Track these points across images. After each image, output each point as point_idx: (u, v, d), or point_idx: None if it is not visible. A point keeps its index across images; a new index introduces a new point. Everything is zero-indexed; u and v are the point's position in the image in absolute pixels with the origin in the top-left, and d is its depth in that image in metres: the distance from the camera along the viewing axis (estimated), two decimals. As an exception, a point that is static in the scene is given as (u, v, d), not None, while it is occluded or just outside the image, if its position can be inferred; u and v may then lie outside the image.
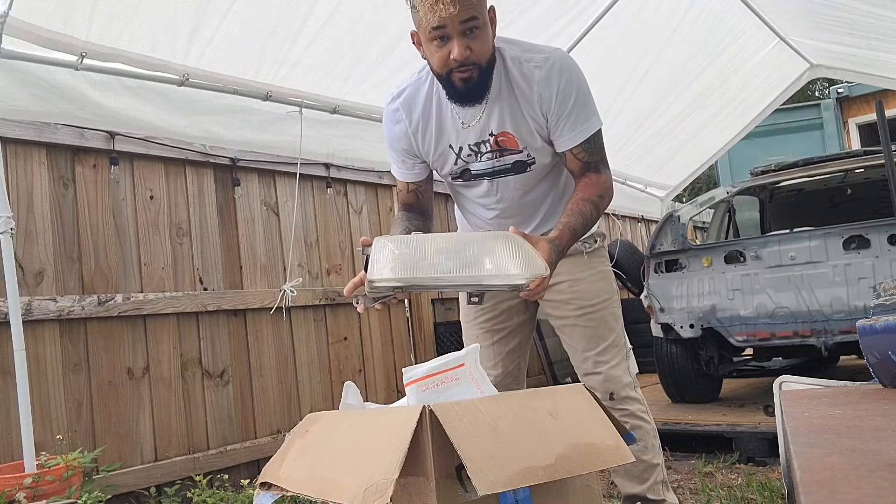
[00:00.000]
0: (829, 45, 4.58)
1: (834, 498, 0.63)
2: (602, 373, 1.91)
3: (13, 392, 2.27)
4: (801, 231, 3.71)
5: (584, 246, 1.96)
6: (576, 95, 1.75)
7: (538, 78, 1.74)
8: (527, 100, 1.76)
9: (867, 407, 1.11)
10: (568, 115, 1.75)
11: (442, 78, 1.71)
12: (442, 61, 1.65)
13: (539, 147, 1.82)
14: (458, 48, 1.61)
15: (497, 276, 1.45)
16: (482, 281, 1.46)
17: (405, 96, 1.87)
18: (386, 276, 1.45)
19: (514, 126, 1.79)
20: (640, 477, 1.92)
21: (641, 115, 4.96)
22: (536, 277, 1.44)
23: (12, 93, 2.45)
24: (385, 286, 1.47)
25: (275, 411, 3.42)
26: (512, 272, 1.44)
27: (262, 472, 1.48)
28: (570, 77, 1.75)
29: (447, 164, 1.89)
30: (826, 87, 13.57)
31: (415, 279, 1.45)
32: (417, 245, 1.48)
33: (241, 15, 2.71)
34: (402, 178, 1.97)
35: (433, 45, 1.65)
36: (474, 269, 1.44)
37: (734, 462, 3.23)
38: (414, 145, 1.89)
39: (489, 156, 1.84)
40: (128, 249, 2.97)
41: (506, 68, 1.77)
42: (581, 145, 1.78)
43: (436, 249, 1.47)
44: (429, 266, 1.44)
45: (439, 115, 1.83)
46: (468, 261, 1.44)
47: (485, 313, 2.04)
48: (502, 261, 1.45)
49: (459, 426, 1.16)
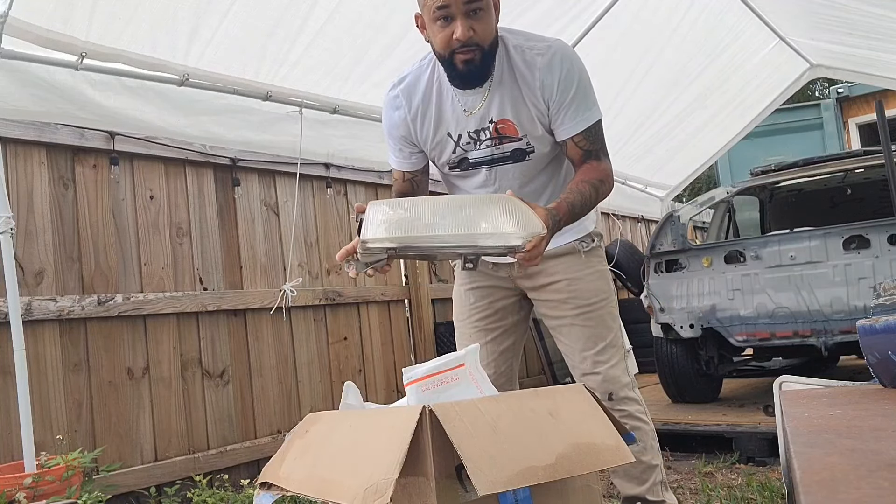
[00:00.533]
0: (829, 45, 4.58)
1: (834, 498, 0.63)
2: (601, 373, 1.90)
3: (13, 392, 2.27)
4: (801, 231, 3.71)
5: (582, 245, 1.96)
6: (577, 84, 1.77)
7: (540, 65, 1.75)
8: (529, 86, 1.77)
9: (867, 407, 1.11)
10: (570, 102, 1.77)
11: (444, 60, 1.72)
12: (445, 41, 1.66)
13: (539, 135, 1.83)
14: (462, 28, 1.63)
15: (493, 236, 1.45)
16: (478, 241, 1.45)
17: (406, 83, 1.88)
18: (379, 236, 1.44)
19: (514, 113, 1.79)
20: (639, 478, 1.92)
21: (641, 115, 4.96)
22: (533, 237, 1.44)
23: (12, 93, 2.45)
24: (378, 247, 1.45)
25: (275, 411, 3.42)
26: (508, 231, 1.44)
27: (262, 472, 1.48)
28: (573, 66, 1.77)
29: (445, 152, 1.89)
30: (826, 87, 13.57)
31: (409, 239, 1.44)
32: (413, 206, 1.48)
33: (241, 15, 2.71)
34: (398, 167, 1.98)
35: (436, 26, 1.66)
36: (470, 227, 1.44)
37: (734, 462, 3.23)
38: (412, 132, 1.89)
39: (488, 143, 1.84)
40: (128, 249, 2.97)
41: (508, 56, 1.78)
42: (582, 133, 1.79)
43: (431, 210, 1.46)
44: (424, 226, 1.44)
45: (439, 102, 1.84)
46: (464, 220, 1.44)
47: (479, 311, 2.04)
48: (499, 220, 1.44)
49: (459, 426, 1.16)
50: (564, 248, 1.95)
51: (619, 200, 5.84)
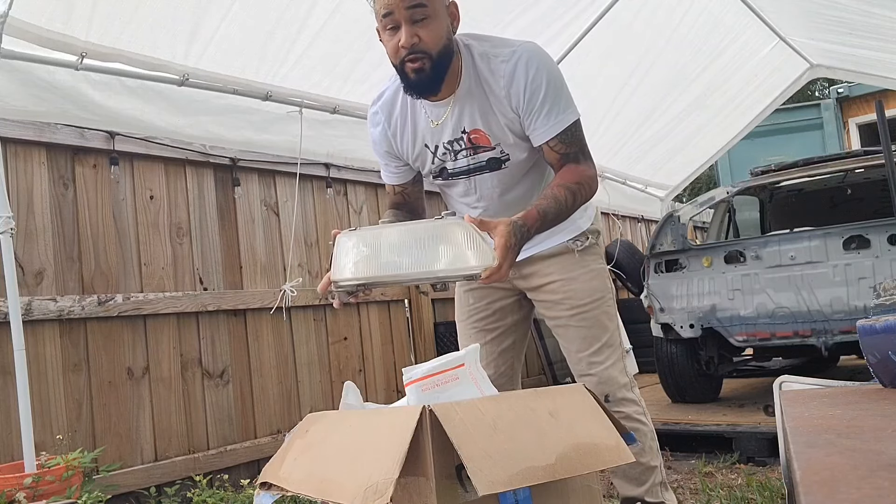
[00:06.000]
0: (829, 45, 4.58)
1: (834, 498, 0.63)
2: (596, 374, 1.89)
3: (13, 392, 2.27)
4: (801, 231, 3.71)
5: (576, 244, 1.93)
6: (546, 87, 1.71)
7: (505, 72, 1.71)
8: (495, 95, 1.74)
9: (867, 407, 1.11)
10: (540, 107, 1.71)
11: (397, 69, 1.70)
12: (394, 50, 1.65)
13: (511, 143, 1.80)
14: (406, 35, 1.61)
15: (449, 270, 1.47)
16: (437, 275, 1.49)
17: (384, 98, 1.87)
18: (346, 276, 1.52)
19: (484, 123, 1.77)
20: (638, 479, 1.91)
21: (641, 115, 4.96)
22: (486, 269, 1.45)
23: (12, 93, 2.45)
24: (348, 284, 1.53)
25: (275, 411, 3.42)
26: (461, 266, 1.47)
27: (262, 472, 1.48)
28: (539, 69, 1.71)
29: (426, 163, 1.89)
30: (826, 87, 13.56)
31: (374, 278, 1.51)
32: (373, 241, 1.51)
33: (241, 15, 2.71)
34: (388, 181, 1.99)
35: (386, 35, 1.66)
36: (427, 265, 1.47)
37: (734, 462, 3.23)
38: (394, 146, 1.89)
39: (464, 153, 1.83)
40: (128, 249, 2.97)
41: (475, 65, 1.75)
42: (557, 137, 1.74)
43: (389, 246, 1.50)
44: (385, 265, 1.50)
45: (413, 115, 1.83)
46: (421, 257, 1.47)
47: (478, 312, 2.04)
48: (454, 253, 1.46)
49: (459, 426, 1.16)
50: (558, 248, 1.93)
51: (619, 200, 5.84)
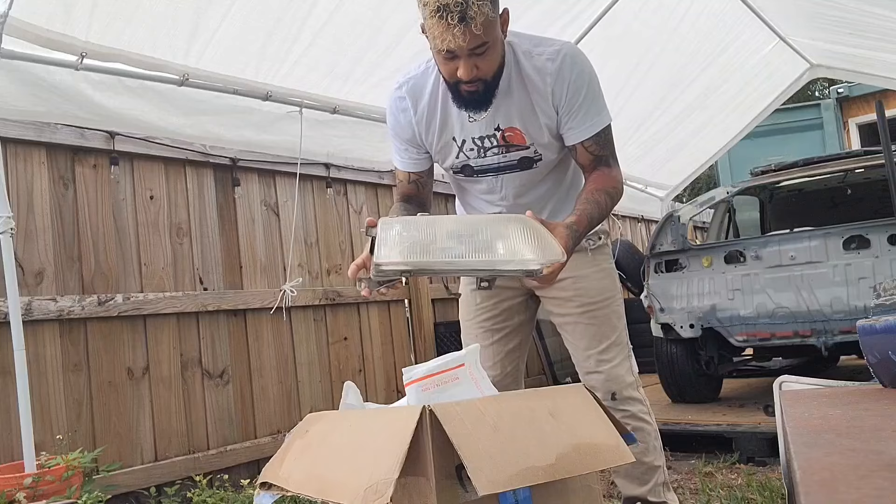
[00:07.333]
0: (829, 45, 4.58)
1: (834, 498, 0.63)
2: (604, 372, 1.90)
3: (13, 392, 2.27)
4: (801, 231, 3.71)
5: (589, 243, 1.94)
6: (587, 88, 1.75)
7: (550, 70, 1.73)
8: (539, 93, 1.75)
9: (867, 407, 1.11)
10: (579, 107, 1.75)
11: (450, 86, 1.69)
12: (449, 74, 1.64)
13: (546, 143, 1.81)
14: (465, 68, 1.59)
15: (511, 262, 1.40)
16: (495, 266, 1.41)
17: (411, 84, 1.84)
18: (394, 260, 1.38)
19: (521, 121, 1.78)
20: (640, 479, 1.91)
21: (641, 115, 4.96)
22: (552, 263, 1.40)
23: (12, 93, 2.45)
24: (393, 269, 1.39)
25: (275, 411, 3.42)
26: (527, 257, 1.39)
27: (262, 472, 1.48)
28: (583, 70, 1.74)
29: (449, 157, 1.87)
30: (826, 87, 13.56)
31: (425, 263, 1.38)
32: (427, 227, 1.41)
33: (241, 15, 2.71)
34: (403, 168, 1.94)
35: (440, 57, 1.63)
36: (487, 253, 1.38)
37: (734, 462, 3.23)
38: (418, 135, 1.86)
39: (495, 151, 1.82)
40: (128, 249, 2.97)
41: (517, 62, 1.75)
42: (592, 139, 1.78)
43: (447, 232, 1.41)
44: (439, 250, 1.38)
45: (444, 107, 1.81)
46: (481, 245, 1.39)
47: (484, 312, 2.03)
48: (516, 245, 1.39)
49: (459, 426, 1.16)
50: None
51: (620, 200, 5.83)
